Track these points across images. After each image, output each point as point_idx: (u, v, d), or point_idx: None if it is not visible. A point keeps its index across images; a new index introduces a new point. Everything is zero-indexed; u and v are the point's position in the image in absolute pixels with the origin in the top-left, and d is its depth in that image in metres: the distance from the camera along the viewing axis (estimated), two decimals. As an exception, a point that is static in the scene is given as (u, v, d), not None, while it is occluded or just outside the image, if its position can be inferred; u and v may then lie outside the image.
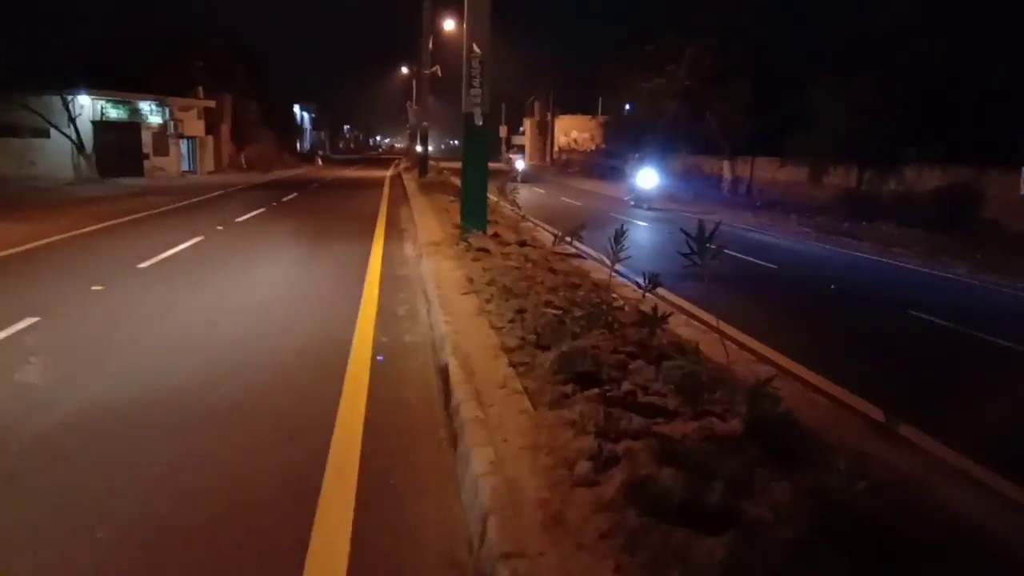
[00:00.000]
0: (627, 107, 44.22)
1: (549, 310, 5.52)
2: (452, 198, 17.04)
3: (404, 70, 49.06)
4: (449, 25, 29.13)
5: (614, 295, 6.22)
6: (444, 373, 4.69)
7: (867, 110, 20.76)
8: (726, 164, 29.79)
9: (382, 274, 8.90)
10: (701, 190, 29.32)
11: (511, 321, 5.40)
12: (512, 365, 4.42)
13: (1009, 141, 17.93)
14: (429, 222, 13.08)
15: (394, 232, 13.03)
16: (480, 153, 9.52)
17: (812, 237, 17.51)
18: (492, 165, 42.90)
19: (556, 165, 59.64)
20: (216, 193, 24.50)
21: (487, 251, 8.82)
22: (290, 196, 23.11)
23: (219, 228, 13.84)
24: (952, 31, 19.23)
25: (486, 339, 5.10)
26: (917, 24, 20.08)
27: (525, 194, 17.60)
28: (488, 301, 6.20)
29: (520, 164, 42.35)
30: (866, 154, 21.68)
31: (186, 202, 20.44)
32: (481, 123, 9.23)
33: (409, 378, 5.03)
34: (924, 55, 19.69)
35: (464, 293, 6.72)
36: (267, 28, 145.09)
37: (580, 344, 4.40)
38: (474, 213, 9.68)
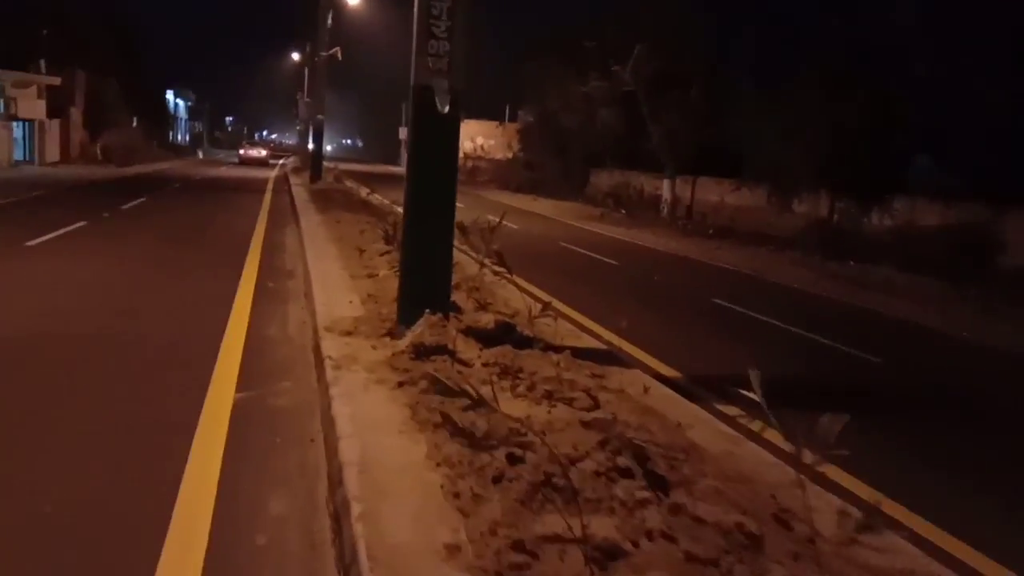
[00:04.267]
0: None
1: None
2: (367, 219, 12.34)
3: (296, 56, 43.23)
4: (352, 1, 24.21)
5: None
6: None
7: (849, 131, 17.70)
8: (666, 183, 26.41)
9: (228, 452, 4.22)
10: (635, 211, 25.85)
11: None
12: None
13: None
14: (329, 267, 8.39)
15: (271, 288, 8.23)
16: (446, 163, 5.00)
17: (817, 283, 13.96)
18: (391, 168, 38.29)
19: (462, 172, 55.32)
20: (36, 193, 18.56)
21: (463, 369, 4.38)
22: (135, 202, 17.55)
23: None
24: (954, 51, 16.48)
25: None
26: (916, 41, 17.25)
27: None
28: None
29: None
30: (844, 180, 18.63)
31: (-22, 205, 14.66)
32: (448, 107, 4.76)
33: None
34: (920, 77, 16.93)
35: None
36: (144, 2, 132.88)
37: None
38: (430, 281, 5.12)
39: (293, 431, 3.94)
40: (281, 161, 55.12)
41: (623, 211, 25.91)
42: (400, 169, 61.53)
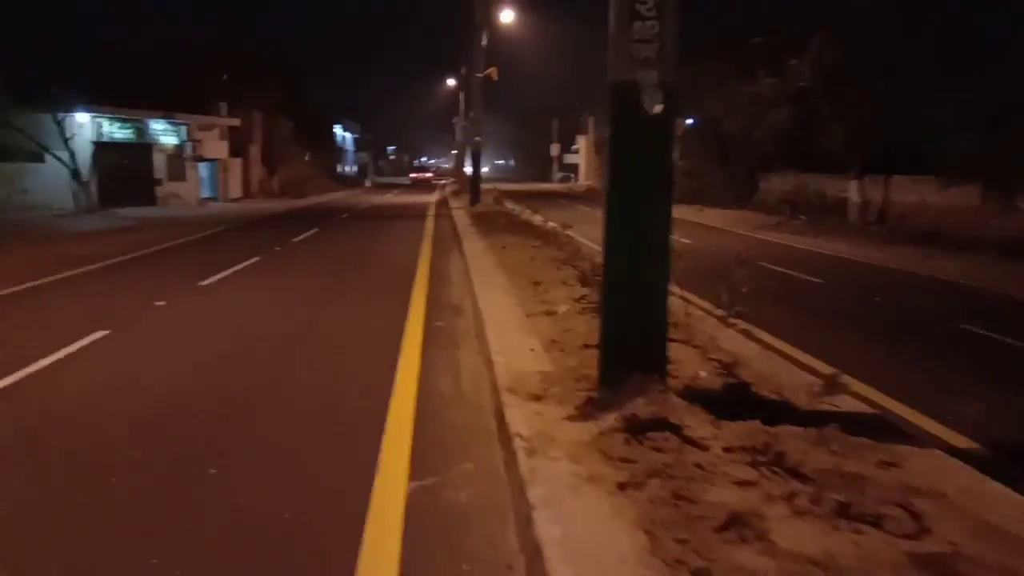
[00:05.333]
0: (688, 121, 38.34)
1: None
2: (533, 243, 11.49)
3: (451, 82, 44.01)
4: (507, 17, 23.81)
5: None
6: None
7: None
8: (853, 184, 23.69)
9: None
10: (817, 217, 23.39)
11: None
12: None
13: None
14: (500, 301, 7.51)
15: (439, 328, 7.48)
16: (657, 179, 3.81)
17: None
18: (545, 186, 37.88)
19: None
20: (218, 229, 19.50)
21: (700, 458, 3.23)
22: (307, 233, 17.90)
23: (159, 303, 8.56)
24: None
25: None
26: None
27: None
28: None
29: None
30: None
31: (167, 244, 15.40)
32: (659, 106, 3.67)
33: None
34: None
35: None
36: (307, 43, 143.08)
37: None
38: (640, 330, 3.90)
39: (483, 550, 2.97)
40: (442, 182, 56.67)
41: (803, 218, 23.56)
42: (553, 186, 61.21)
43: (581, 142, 69.17)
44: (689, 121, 46.37)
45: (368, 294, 9.46)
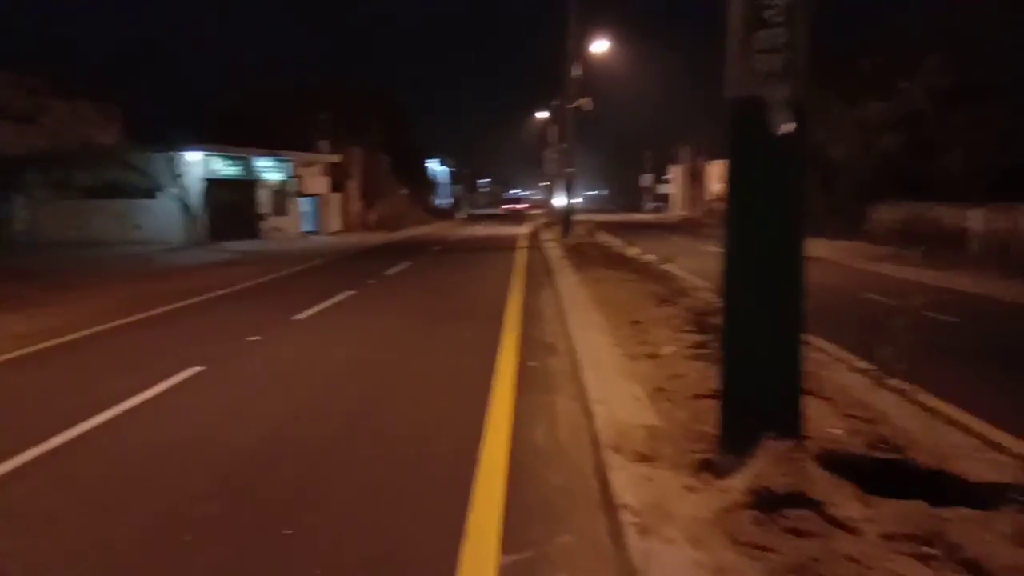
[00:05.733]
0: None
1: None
2: (628, 277, 10.98)
3: (543, 115, 44.19)
4: (600, 47, 23.56)
5: None
6: None
7: None
8: (976, 213, 21.92)
9: None
10: (935, 248, 21.70)
11: None
12: None
13: None
14: (597, 341, 7.05)
15: (533, 369, 7.08)
16: (787, 209, 3.25)
17: None
18: (637, 216, 37.16)
19: (711, 216, 52.41)
20: (316, 262, 19.91)
21: (851, 547, 2.68)
22: (400, 266, 17.97)
23: (253, 338, 8.55)
24: None
25: None
26: None
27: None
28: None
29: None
30: None
31: (266, 278, 15.74)
32: (789, 126, 3.18)
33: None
34: None
35: None
36: (406, 80, 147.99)
37: None
38: (768, 385, 3.31)
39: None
40: (533, 212, 56.89)
41: (922, 248, 21.94)
42: (645, 216, 60.22)
43: (674, 172, 68.02)
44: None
45: (458, 330, 9.19)
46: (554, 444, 4.63)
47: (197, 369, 6.94)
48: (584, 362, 6.01)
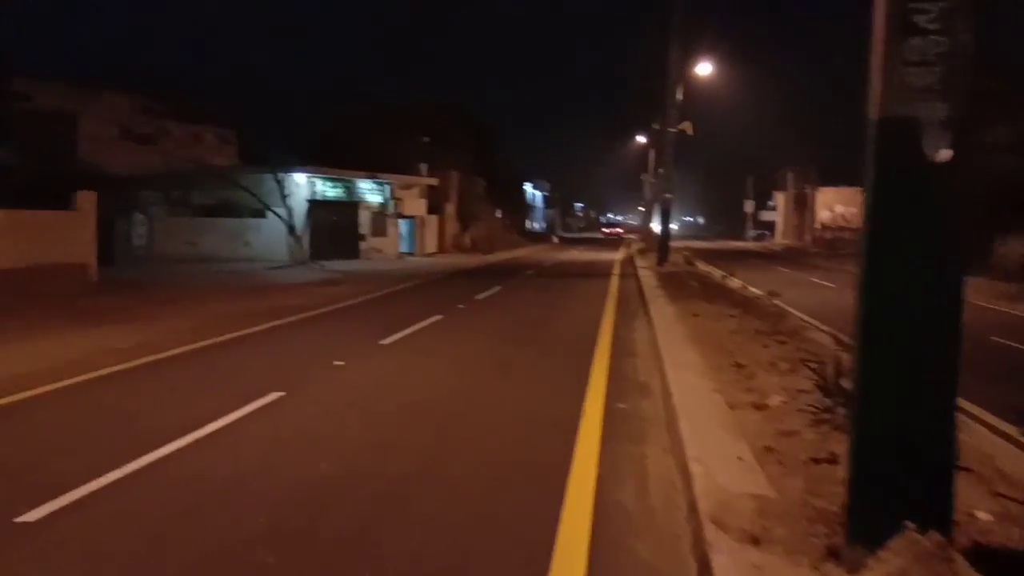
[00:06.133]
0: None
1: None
2: (730, 312, 10.28)
3: (641, 139, 43.49)
4: (704, 70, 22.81)
5: None
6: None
7: None
8: None
9: None
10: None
11: None
12: None
13: None
14: (694, 384, 6.46)
15: (622, 412, 6.57)
16: (942, 250, 2.61)
17: None
18: (737, 244, 35.86)
19: (818, 245, 49.93)
20: (410, 284, 20.00)
21: None
22: (492, 291, 17.77)
23: (337, 363, 8.41)
24: None
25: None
26: None
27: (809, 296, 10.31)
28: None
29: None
30: None
31: (360, 299, 15.84)
32: (947, 150, 2.61)
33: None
34: None
35: None
36: (495, 103, 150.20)
37: None
38: (910, 462, 2.59)
39: None
40: (629, 237, 56.10)
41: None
42: (746, 245, 58.09)
43: (779, 198, 65.56)
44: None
45: (545, 364, 8.76)
46: (645, 509, 4.11)
47: (278, 395, 6.81)
48: (680, 408, 5.46)
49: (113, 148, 29.20)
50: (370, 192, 33.29)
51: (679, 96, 21.15)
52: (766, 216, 70.19)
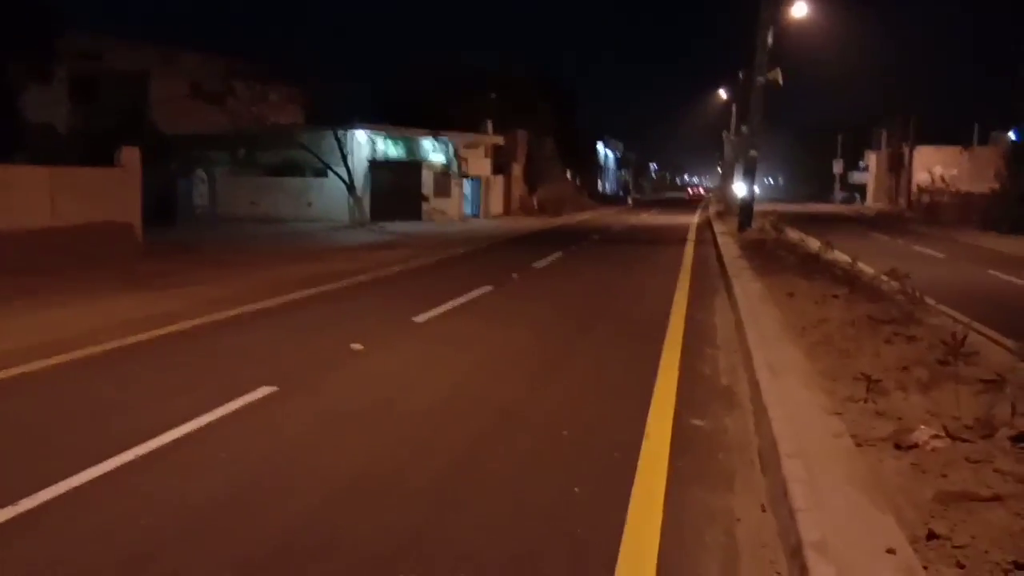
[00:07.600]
0: (1011, 136, 31.33)
1: None
2: (834, 291, 8.47)
3: (722, 95, 40.59)
4: (800, 11, 20.29)
5: None
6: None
7: None
8: None
9: None
10: None
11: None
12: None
13: None
14: (800, 397, 4.85)
15: (697, 433, 5.02)
16: None
17: None
18: (824, 208, 32.97)
19: (915, 210, 46.02)
20: (467, 248, 18.67)
21: None
22: (552, 257, 16.23)
23: (355, 347, 7.10)
24: None
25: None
26: None
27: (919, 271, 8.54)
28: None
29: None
30: None
31: (411, 265, 14.63)
32: None
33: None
34: None
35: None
36: (570, 61, 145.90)
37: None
38: None
39: None
40: (705, 199, 53.48)
41: None
42: (834, 208, 54.19)
43: (871, 158, 60.96)
44: (1012, 136, 38.18)
45: (602, 354, 7.25)
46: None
47: (267, 390, 5.56)
48: (783, 444, 3.89)
49: (183, 108, 28.71)
50: (433, 152, 32.01)
51: (769, 41, 18.84)
52: (856, 178, 65.65)
